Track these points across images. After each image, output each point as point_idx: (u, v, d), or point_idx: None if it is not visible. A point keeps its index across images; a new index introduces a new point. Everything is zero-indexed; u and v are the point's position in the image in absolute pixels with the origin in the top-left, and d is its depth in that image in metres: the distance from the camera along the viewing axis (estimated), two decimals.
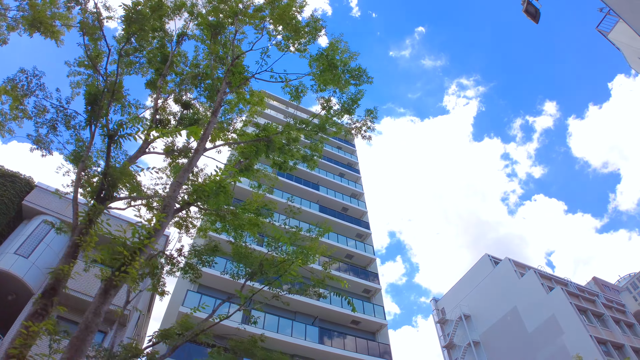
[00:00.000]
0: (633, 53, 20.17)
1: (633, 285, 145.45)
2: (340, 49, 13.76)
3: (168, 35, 12.93)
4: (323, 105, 14.31)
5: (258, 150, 12.52)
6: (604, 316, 52.79)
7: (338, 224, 41.85)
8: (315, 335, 30.21)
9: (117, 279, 7.74)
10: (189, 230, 14.28)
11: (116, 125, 9.12)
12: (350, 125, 15.26)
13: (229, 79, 12.52)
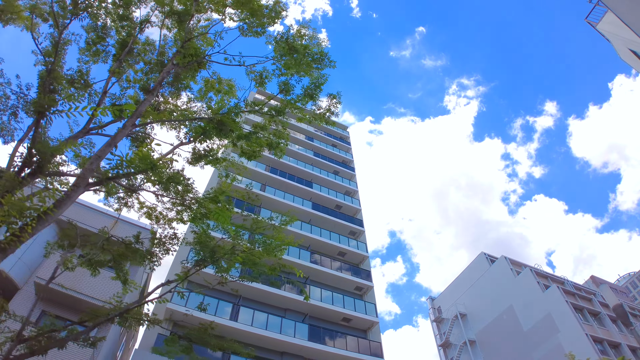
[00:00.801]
0: (622, 43, 19.86)
1: (633, 284, 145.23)
2: (307, 34, 13.46)
3: (134, 23, 12.64)
4: (281, 88, 13.89)
5: (206, 132, 12.10)
6: (600, 315, 52.39)
7: (331, 222, 41.62)
8: (304, 333, 29.93)
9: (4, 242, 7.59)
10: (159, 221, 13.92)
11: (48, 101, 8.89)
12: (315, 111, 14.84)
13: (177, 60, 12.17)
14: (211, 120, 12.03)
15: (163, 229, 13.94)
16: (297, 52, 12.99)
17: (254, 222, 14.21)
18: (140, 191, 12.46)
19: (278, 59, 13.41)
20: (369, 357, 30.78)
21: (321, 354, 29.68)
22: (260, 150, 14.01)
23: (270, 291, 31.12)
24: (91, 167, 9.34)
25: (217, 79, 13.44)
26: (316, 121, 14.60)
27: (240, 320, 28.40)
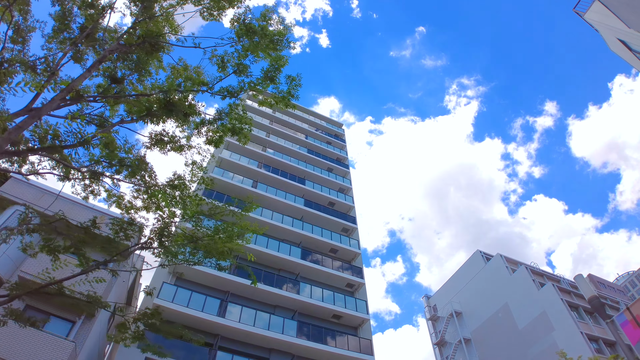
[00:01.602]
0: (610, 33, 19.52)
1: (632, 283, 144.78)
2: (273, 19, 13.13)
3: (98, 9, 12.32)
4: (235, 69, 13.43)
5: (152, 112, 11.72)
6: (596, 313, 52.14)
7: (324, 219, 41.37)
8: (293, 330, 29.65)
9: None
10: (129, 210, 13.60)
11: None
12: (277, 95, 14.45)
13: (124, 40, 11.83)
14: (161, 101, 11.65)
15: (135, 218, 13.61)
16: (255, 34, 12.66)
17: (212, 208, 13.83)
18: (102, 177, 12.11)
19: (237, 42, 13.04)
20: (359, 354, 30.49)
21: (310, 351, 29.41)
22: (223, 136, 13.61)
23: (261, 288, 30.83)
24: (9, 137, 9.08)
25: (183, 66, 13.10)
26: (278, 105, 14.22)
27: (227, 317, 28.15)
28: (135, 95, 11.83)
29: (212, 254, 13.45)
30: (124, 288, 28.42)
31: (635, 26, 16.22)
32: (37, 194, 24.94)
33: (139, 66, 12.14)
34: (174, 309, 27.07)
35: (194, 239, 13.46)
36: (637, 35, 16.97)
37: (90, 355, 24.20)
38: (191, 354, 25.95)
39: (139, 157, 12.31)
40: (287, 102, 14.15)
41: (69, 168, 11.62)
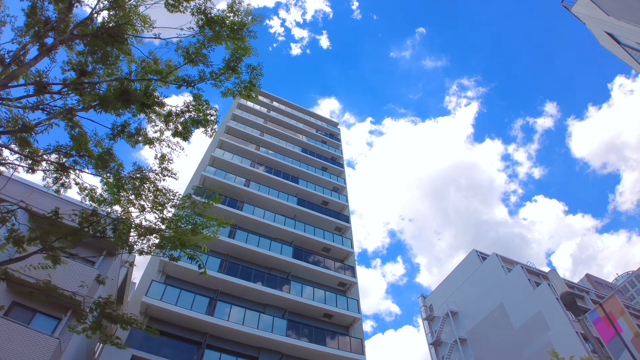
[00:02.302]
0: (598, 26, 19.34)
1: (631, 283, 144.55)
2: (240, 10, 12.96)
3: (65, 3, 12.19)
4: (188, 59, 13.08)
5: (104, 100, 11.52)
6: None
7: (317, 217, 41.22)
8: (282, 329, 29.51)
9: None
10: (101, 203, 13.41)
11: None
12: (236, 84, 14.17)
13: (77, 31, 11.68)
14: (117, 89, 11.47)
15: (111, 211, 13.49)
16: (216, 24, 12.50)
17: (186, 200, 13.67)
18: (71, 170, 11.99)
19: (198, 32, 12.86)
20: (349, 353, 30.36)
21: (300, 350, 29.27)
22: (188, 128, 13.43)
23: (250, 286, 30.75)
24: None
25: (153, 59, 12.95)
26: (240, 95, 14.01)
27: (216, 315, 28.01)
28: (88, 83, 11.66)
29: (177, 246, 13.28)
30: (112, 286, 28.26)
31: (614, 13, 16.02)
32: (26, 191, 24.83)
33: (105, 58, 12.00)
34: (163, 307, 26.99)
35: (154, 230, 13.27)
36: (621, 25, 16.70)
37: (77, 353, 24.15)
38: (179, 352, 25.83)
39: (105, 148, 12.18)
40: (249, 92, 13.91)
41: (35, 160, 11.50)
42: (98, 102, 11.47)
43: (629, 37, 17.30)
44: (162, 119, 13.21)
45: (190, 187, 37.33)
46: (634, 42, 17.42)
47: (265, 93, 61.60)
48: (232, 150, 43.68)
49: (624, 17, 16.54)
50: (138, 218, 13.71)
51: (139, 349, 24.22)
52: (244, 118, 50.24)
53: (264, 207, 38.51)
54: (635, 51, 18.86)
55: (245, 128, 48.38)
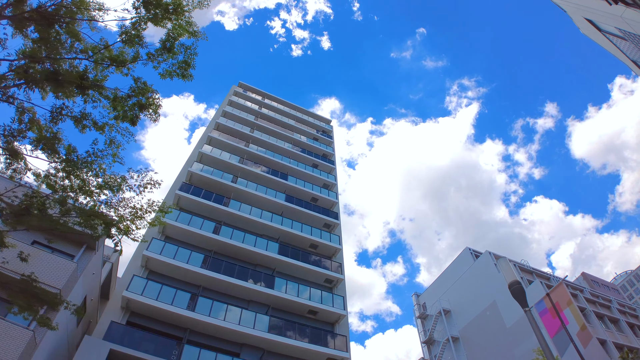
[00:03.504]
0: (576, 12, 19.00)
1: (629, 282, 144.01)
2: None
3: None
4: (125, 40, 12.74)
5: (31, 78, 11.17)
6: (585, 311, 51.53)
7: (305, 214, 41.00)
8: (265, 325, 29.27)
9: None
10: (57, 190, 13.13)
11: None
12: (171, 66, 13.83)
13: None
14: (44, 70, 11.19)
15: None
16: (151, 5, 12.22)
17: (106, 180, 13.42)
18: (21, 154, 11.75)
19: (134, 14, 12.57)
20: (332, 350, 30.12)
21: (282, 347, 29.07)
22: (127, 111, 13.13)
23: (233, 282, 30.56)
24: None
25: (104, 45, 12.66)
26: (177, 76, 13.68)
27: (197, 311, 27.79)
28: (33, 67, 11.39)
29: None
30: (94, 280, 28.03)
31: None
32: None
33: (53, 43, 11.71)
34: (144, 302, 26.81)
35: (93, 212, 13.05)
36: (598, 9, 16.29)
37: (56, 346, 23.93)
38: (159, 347, 25.54)
39: (52, 131, 11.92)
40: (185, 71, 13.60)
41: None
42: (24, 81, 11.19)
43: (607, 21, 16.84)
44: (110, 104, 12.91)
45: (177, 184, 37.15)
46: (613, 27, 17.01)
47: (258, 90, 61.41)
48: (220, 147, 43.48)
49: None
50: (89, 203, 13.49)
51: (118, 343, 23.92)
52: (234, 115, 50.04)
53: (251, 204, 38.26)
54: (616, 37, 18.43)
55: (235, 125, 48.15)
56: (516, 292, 8.91)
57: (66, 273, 22.53)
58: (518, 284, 9.04)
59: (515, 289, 8.89)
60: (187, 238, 33.10)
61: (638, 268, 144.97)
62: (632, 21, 14.17)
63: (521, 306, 8.81)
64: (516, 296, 8.91)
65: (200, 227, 33.22)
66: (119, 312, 27.13)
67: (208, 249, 33.44)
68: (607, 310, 55.27)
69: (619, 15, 14.76)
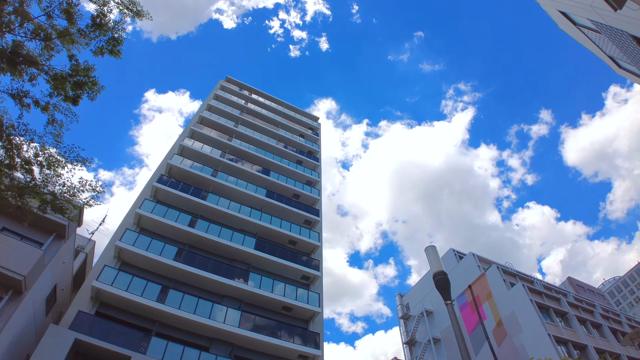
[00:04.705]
0: (551, 5, 18.66)
1: (617, 288, 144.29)
2: None
3: None
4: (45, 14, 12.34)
5: None
6: (568, 315, 51.43)
7: (285, 210, 40.58)
8: (236, 320, 28.90)
9: None
10: None
11: None
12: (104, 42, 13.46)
13: None
14: None
15: None
16: None
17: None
18: None
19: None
20: (304, 347, 29.80)
21: (253, 342, 28.73)
22: (65, 87, 12.75)
23: (206, 276, 30.18)
24: None
25: (50, 25, 12.27)
26: (102, 53, 13.30)
27: (167, 303, 27.41)
28: None
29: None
30: (65, 269, 27.64)
31: None
32: None
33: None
34: (113, 293, 26.42)
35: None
36: (571, 1, 15.92)
37: (22, 334, 23.54)
38: (127, 339, 25.10)
39: None
40: (115, 47, 13.25)
41: None
42: None
43: (580, 13, 16.44)
44: (52, 83, 12.54)
45: (156, 176, 36.73)
46: (586, 19, 16.64)
47: (245, 85, 60.94)
48: (203, 140, 43.07)
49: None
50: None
51: (85, 333, 23.51)
52: (219, 109, 49.57)
53: (230, 198, 37.85)
54: (591, 31, 18.09)
55: (220, 119, 47.71)
56: (440, 283, 8.50)
57: (32, 260, 22.17)
58: (443, 275, 8.63)
59: (439, 280, 8.49)
60: (162, 230, 32.72)
61: (626, 275, 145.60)
62: (602, 10, 13.82)
63: (443, 299, 8.41)
64: (439, 288, 8.51)
65: (175, 220, 32.83)
66: (88, 302, 26.71)
67: (183, 242, 33.05)
68: (590, 315, 55.20)
69: (588, 5, 14.40)
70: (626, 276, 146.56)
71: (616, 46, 16.46)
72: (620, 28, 13.90)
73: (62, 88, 12.47)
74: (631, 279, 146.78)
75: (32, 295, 22.80)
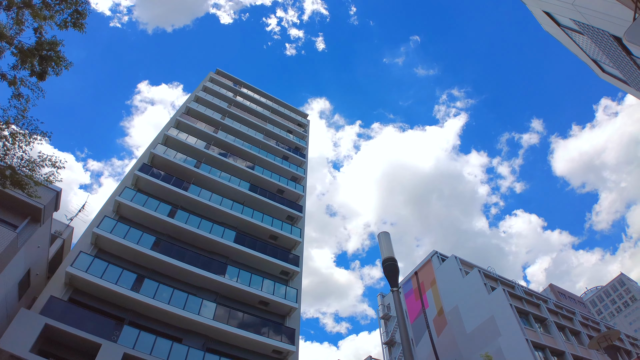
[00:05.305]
0: (535, 4, 18.53)
1: (599, 297, 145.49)
2: None
3: None
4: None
5: None
6: (547, 321, 51.53)
7: (268, 204, 40.34)
8: (211, 312, 28.66)
9: None
10: None
11: None
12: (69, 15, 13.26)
13: None
14: None
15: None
16: None
17: None
18: None
19: None
20: (279, 343, 29.62)
21: (227, 335, 28.54)
22: (43, 64, 12.51)
23: (183, 267, 29.91)
24: None
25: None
26: (66, 26, 13.05)
27: (142, 292, 27.13)
28: None
29: None
30: (40, 254, 27.23)
31: None
32: None
33: None
34: (87, 280, 26.10)
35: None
36: (555, 1, 15.72)
37: None
38: (99, 327, 24.77)
39: None
40: (78, 20, 13.01)
41: None
42: None
43: (563, 12, 16.21)
44: (19, 57, 12.27)
45: (139, 164, 36.33)
46: (569, 19, 16.45)
47: (235, 78, 60.53)
48: (188, 131, 42.70)
49: None
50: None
51: (56, 319, 23.19)
52: (207, 101, 49.17)
53: (212, 190, 37.54)
54: (574, 32, 17.92)
55: (207, 110, 47.32)
56: (388, 269, 8.27)
57: (4, 242, 21.84)
58: (393, 261, 8.40)
59: (388, 266, 8.26)
60: (141, 219, 32.38)
61: (608, 284, 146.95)
62: (584, 9, 13.64)
63: (390, 285, 8.21)
64: (388, 274, 8.29)
65: (155, 210, 32.49)
66: (61, 288, 26.37)
67: (162, 232, 32.72)
68: (569, 322, 55.37)
69: (570, 3, 14.21)
70: (608, 286, 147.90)
71: (599, 48, 16.34)
72: (601, 28, 13.76)
73: (30, 62, 12.22)
74: (613, 289, 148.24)
75: (3, 278, 22.46)
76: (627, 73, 15.79)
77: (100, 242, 29.43)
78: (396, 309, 7.64)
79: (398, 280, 8.20)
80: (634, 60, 13.57)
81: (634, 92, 17.88)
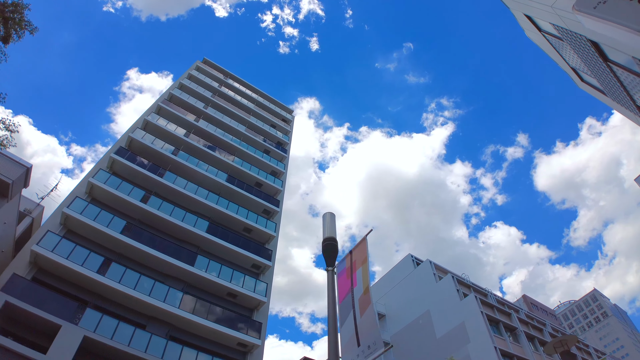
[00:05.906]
0: (517, 7, 18.39)
1: (571, 312, 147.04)
2: None
3: None
4: None
5: None
6: (517, 331, 51.79)
7: (244, 197, 39.91)
8: (176, 300, 28.26)
9: None
10: None
11: None
12: None
13: None
14: None
15: None
16: None
17: None
18: None
19: None
20: (244, 335, 29.35)
21: (192, 325, 28.16)
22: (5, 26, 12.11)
23: (152, 253, 29.45)
24: None
25: None
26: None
27: (108, 276, 26.63)
28: None
29: None
30: (6, 231, 26.58)
31: None
32: None
33: None
34: (52, 259, 25.53)
35: None
36: (534, 2, 15.45)
37: None
38: (61, 308, 24.23)
39: None
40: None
41: None
42: None
43: (543, 16, 15.93)
44: None
45: (116, 147, 35.75)
46: (549, 24, 16.24)
47: (221, 68, 59.94)
48: (168, 117, 42.11)
49: None
50: None
51: (17, 297, 22.63)
52: (191, 89, 48.57)
53: (189, 179, 37.05)
54: (554, 38, 17.73)
55: (190, 98, 46.70)
56: (327, 248, 8.06)
57: None
58: (333, 241, 8.19)
59: (327, 245, 8.05)
60: (113, 203, 31.83)
61: (581, 299, 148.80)
62: (563, 12, 13.38)
63: (326, 264, 8.02)
64: (326, 253, 8.08)
65: (128, 194, 31.96)
66: (26, 266, 25.76)
67: (133, 216, 32.20)
68: (539, 333, 55.74)
69: (549, 6, 13.97)
70: (581, 301, 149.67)
71: (577, 55, 16.21)
72: (579, 32, 13.62)
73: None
74: (586, 304, 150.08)
75: None
76: (603, 81, 15.69)
77: (69, 222, 28.85)
78: (328, 290, 7.44)
79: (335, 261, 8.05)
80: (609, 66, 13.48)
81: (610, 102, 17.83)
